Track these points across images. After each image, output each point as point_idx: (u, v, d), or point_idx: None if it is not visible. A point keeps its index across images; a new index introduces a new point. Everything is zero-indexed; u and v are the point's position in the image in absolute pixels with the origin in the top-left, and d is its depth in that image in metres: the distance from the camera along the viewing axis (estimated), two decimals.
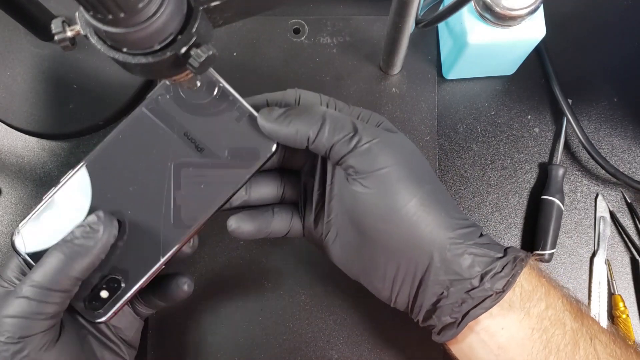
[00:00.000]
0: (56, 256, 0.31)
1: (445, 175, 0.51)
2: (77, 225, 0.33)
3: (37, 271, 0.31)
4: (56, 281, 0.30)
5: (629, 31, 0.54)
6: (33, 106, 0.50)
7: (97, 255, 0.32)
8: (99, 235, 0.32)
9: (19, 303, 0.30)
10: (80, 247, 0.31)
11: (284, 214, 0.38)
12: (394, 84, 0.52)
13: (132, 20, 0.22)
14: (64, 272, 0.31)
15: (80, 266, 0.31)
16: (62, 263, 0.31)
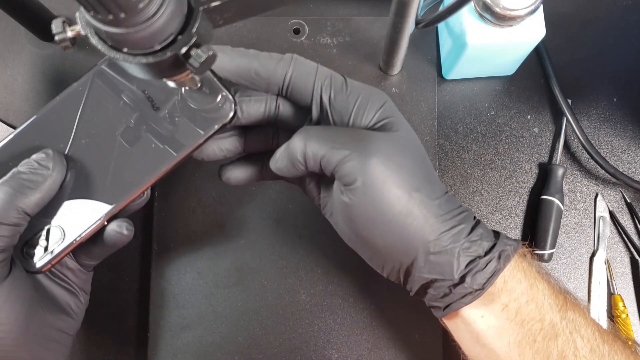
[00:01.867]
0: (3, 190, 0.31)
1: (445, 175, 0.51)
2: (23, 162, 0.33)
3: None
4: (5, 214, 0.31)
5: (628, 31, 0.54)
6: (33, 106, 0.50)
7: (46, 191, 0.32)
8: (47, 172, 0.32)
9: None
10: (29, 181, 0.32)
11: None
12: (394, 84, 0.52)
13: (132, 21, 0.22)
14: (12, 204, 0.31)
15: (29, 200, 0.31)
16: (10, 196, 0.31)
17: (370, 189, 0.32)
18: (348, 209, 0.33)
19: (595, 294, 0.49)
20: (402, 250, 0.33)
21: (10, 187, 0.31)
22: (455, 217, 0.33)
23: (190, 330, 0.47)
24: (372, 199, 0.32)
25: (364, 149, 0.32)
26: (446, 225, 0.33)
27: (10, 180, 0.32)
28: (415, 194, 0.32)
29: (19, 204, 0.31)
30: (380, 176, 0.32)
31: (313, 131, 0.34)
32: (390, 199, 0.32)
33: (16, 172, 0.32)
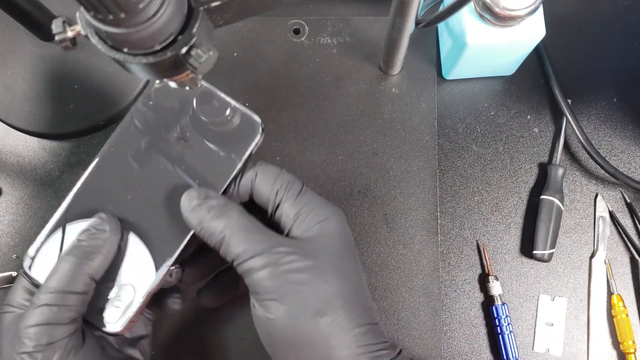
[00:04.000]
0: (68, 260, 0.31)
1: (445, 175, 0.51)
2: (81, 230, 0.33)
3: (51, 278, 0.31)
4: (72, 283, 0.31)
5: (629, 31, 0.54)
6: (34, 106, 0.50)
7: (106, 254, 0.32)
8: (105, 235, 0.32)
9: (40, 311, 0.30)
10: (90, 247, 0.32)
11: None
12: (394, 84, 0.52)
13: (132, 21, 0.22)
14: (78, 273, 0.31)
15: (94, 264, 0.32)
16: (75, 265, 0.31)
17: (276, 305, 0.31)
18: (255, 318, 0.32)
19: (595, 294, 0.49)
20: None
21: (74, 257, 0.32)
22: (369, 354, 0.31)
23: (191, 331, 0.47)
24: (276, 316, 0.31)
25: (276, 263, 0.31)
26: (354, 359, 0.30)
27: (73, 250, 0.32)
28: (319, 319, 0.30)
29: (85, 270, 0.31)
30: (286, 295, 0.30)
31: (240, 222, 0.32)
32: (292, 319, 0.30)
33: (76, 242, 0.32)
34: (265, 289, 0.31)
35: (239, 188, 0.35)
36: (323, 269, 0.32)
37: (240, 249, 0.31)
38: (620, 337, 0.48)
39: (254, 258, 0.31)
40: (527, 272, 0.50)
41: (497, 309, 0.48)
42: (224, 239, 0.31)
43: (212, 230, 0.32)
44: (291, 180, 0.34)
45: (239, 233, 0.31)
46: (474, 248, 0.50)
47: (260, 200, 0.34)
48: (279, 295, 0.31)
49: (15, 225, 0.50)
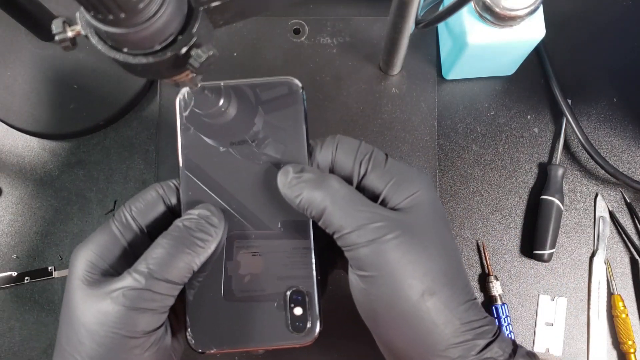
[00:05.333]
0: (174, 246, 0.30)
1: (445, 175, 0.51)
2: (186, 217, 0.31)
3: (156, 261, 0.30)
4: (178, 273, 0.30)
5: (628, 31, 0.54)
6: (34, 106, 0.50)
7: (213, 249, 0.31)
8: (215, 229, 0.31)
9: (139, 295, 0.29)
10: (199, 240, 0.31)
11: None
12: (394, 84, 0.52)
13: (132, 21, 0.22)
14: (185, 262, 0.30)
15: (199, 259, 0.31)
16: (182, 253, 0.30)
17: (381, 282, 0.30)
18: (356, 292, 0.32)
19: (595, 294, 0.49)
20: (405, 352, 0.31)
21: (181, 243, 0.30)
22: (472, 331, 0.30)
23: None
24: (381, 292, 0.30)
25: (381, 239, 0.30)
26: (458, 337, 0.30)
27: (180, 237, 0.30)
28: (427, 298, 0.30)
29: (190, 262, 0.30)
30: (393, 272, 0.30)
31: (341, 192, 0.31)
32: (400, 298, 0.30)
33: (183, 228, 0.31)
34: (370, 265, 0.30)
35: (320, 161, 0.33)
36: (427, 245, 0.31)
37: (343, 220, 0.30)
38: (620, 337, 0.48)
39: (356, 231, 0.30)
40: (527, 272, 0.50)
41: (497, 309, 0.48)
42: (325, 209, 0.30)
43: (311, 201, 0.30)
44: (374, 150, 0.33)
45: (340, 203, 0.30)
46: (474, 248, 0.50)
47: (343, 172, 0.33)
48: (386, 272, 0.30)
49: (15, 225, 0.50)
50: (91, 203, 0.50)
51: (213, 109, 0.34)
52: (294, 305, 0.32)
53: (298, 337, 0.32)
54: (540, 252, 0.48)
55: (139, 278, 0.29)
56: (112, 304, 0.29)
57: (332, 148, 0.33)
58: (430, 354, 0.30)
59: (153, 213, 0.33)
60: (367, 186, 0.32)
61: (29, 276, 0.49)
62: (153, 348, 0.30)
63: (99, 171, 0.51)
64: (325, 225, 0.31)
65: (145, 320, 0.29)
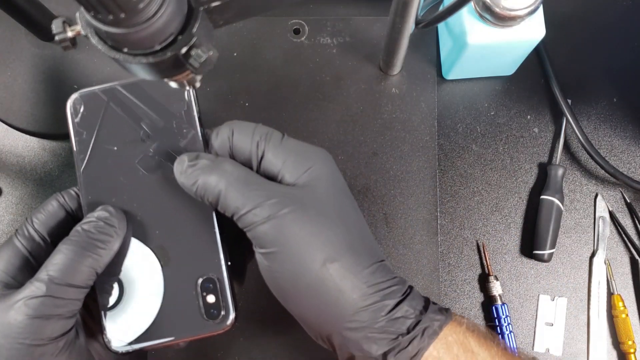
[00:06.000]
0: (72, 250, 0.30)
1: (445, 175, 0.51)
2: (85, 220, 0.32)
3: (55, 267, 0.30)
4: (79, 276, 0.30)
5: (628, 31, 0.54)
6: (34, 106, 0.50)
7: (115, 250, 0.32)
8: (114, 229, 0.32)
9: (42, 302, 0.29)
10: (99, 241, 0.31)
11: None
12: (394, 84, 0.52)
13: (132, 21, 0.22)
14: (86, 265, 0.30)
15: (102, 260, 0.31)
16: (82, 257, 0.30)
17: (283, 257, 0.30)
18: (262, 270, 0.32)
19: (595, 294, 0.49)
20: (317, 322, 0.32)
21: (80, 247, 0.30)
22: (379, 292, 0.31)
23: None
24: (284, 268, 0.30)
25: (277, 214, 0.30)
26: (366, 300, 0.30)
27: (80, 241, 0.31)
28: (329, 266, 0.30)
29: (93, 265, 0.30)
30: (293, 246, 0.30)
31: (234, 174, 0.31)
32: (302, 270, 0.30)
33: (82, 232, 0.31)
34: (270, 241, 0.30)
35: (218, 148, 0.33)
36: (325, 216, 0.31)
37: (239, 201, 0.30)
38: (620, 337, 0.48)
39: (254, 210, 0.30)
40: (527, 272, 0.50)
41: (497, 309, 0.48)
42: (220, 193, 0.30)
43: (207, 186, 0.31)
44: (270, 130, 0.33)
45: (235, 185, 0.31)
46: (474, 248, 0.50)
47: (242, 156, 0.33)
48: (287, 247, 0.30)
49: (15, 225, 0.50)
50: None
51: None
52: (206, 294, 0.32)
53: (214, 325, 0.32)
54: (540, 252, 0.48)
55: (39, 286, 0.29)
56: (16, 315, 0.29)
57: (228, 133, 0.33)
58: (340, 321, 0.30)
59: (54, 221, 0.33)
60: (266, 167, 0.33)
61: None
62: (64, 353, 0.30)
63: None
64: (223, 209, 0.31)
65: (50, 326, 0.29)
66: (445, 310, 0.32)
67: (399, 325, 0.30)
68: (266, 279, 0.32)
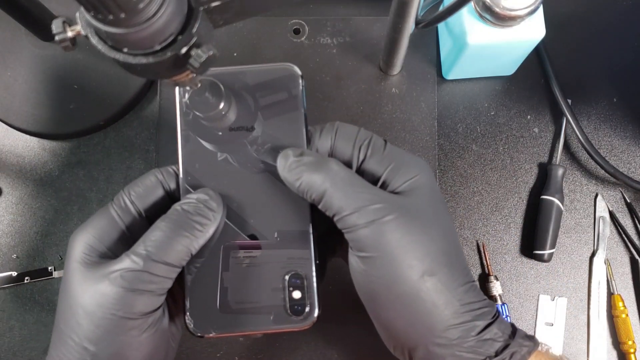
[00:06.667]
0: (172, 229, 0.30)
1: (445, 175, 0.51)
2: (185, 201, 0.31)
3: (155, 244, 0.30)
4: (176, 256, 0.30)
5: (628, 32, 0.54)
6: (34, 106, 0.50)
7: (212, 234, 0.31)
8: (213, 213, 0.31)
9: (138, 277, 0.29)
10: (198, 223, 0.31)
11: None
12: (394, 84, 0.52)
13: (132, 21, 0.22)
14: (183, 245, 0.30)
15: (198, 243, 0.31)
16: (181, 237, 0.30)
17: (381, 263, 0.30)
18: (355, 274, 0.32)
19: (595, 294, 0.49)
20: (405, 333, 0.31)
21: (179, 227, 0.30)
22: (471, 312, 0.31)
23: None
24: (381, 273, 0.30)
25: (381, 220, 0.30)
26: (458, 318, 0.30)
27: (178, 220, 0.30)
28: (427, 278, 0.30)
29: (188, 245, 0.30)
30: (393, 253, 0.30)
31: (340, 174, 0.31)
32: (400, 278, 0.30)
33: (181, 211, 0.31)
34: (370, 246, 0.30)
35: (319, 147, 0.33)
36: (426, 227, 0.31)
37: (343, 202, 0.30)
38: (620, 337, 0.48)
39: (356, 213, 0.30)
40: (527, 272, 0.50)
41: (497, 309, 0.48)
42: (325, 192, 0.30)
43: (311, 184, 0.30)
44: (373, 136, 0.33)
45: (340, 185, 0.30)
46: (474, 248, 0.50)
47: (342, 158, 0.33)
48: (386, 252, 0.30)
49: (15, 225, 0.50)
50: (91, 203, 0.50)
51: (213, 112, 0.34)
52: (293, 289, 0.32)
53: (297, 321, 0.32)
54: (540, 252, 0.48)
55: (137, 260, 0.29)
56: (110, 286, 0.29)
57: (331, 134, 0.33)
58: (429, 334, 0.30)
59: (152, 197, 0.33)
60: (367, 171, 0.33)
61: (29, 276, 0.49)
62: (150, 330, 0.30)
63: (99, 171, 0.51)
64: (325, 207, 0.31)
65: (142, 301, 0.29)
66: (531, 337, 0.32)
67: (487, 347, 0.30)
68: (359, 282, 0.32)
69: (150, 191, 0.33)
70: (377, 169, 0.32)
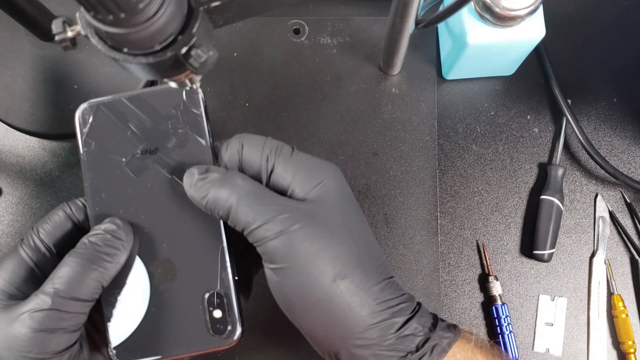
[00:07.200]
0: (78, 263, 0.30)
1: (445, 175, 0.51)
2: (92, 233, 0.31)
3: (61, 280, 0.29)
4: (85, 290, 0.30)
5: (628, 31, 0.54)
6: (34, 106, 0.50)
7: (122, 263, 0.31)
8: (121, 242, 0.31)
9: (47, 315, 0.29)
10: (105, 254, 0.30)
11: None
12: (394, 84, 0.52)
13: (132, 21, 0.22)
14: (92, 278, 0.30)
15: (108, 274, 0.30)
16: (88, 270, 0.30)
17: (293, 272, 0.30)
18: (272, 286, 0.32)
19: (595, 294, 0.49)
20: (326, 338, 0.31)
21: (87, 260, 0.30)
22: (388, 310, 0.31)
23: None
24: (293, 283, 0.30)
25: (289, 230, 0.30)
26: (375, 317, 0.30)
27: (86, 253, 0.30)
28: (340, 282, 0.30)
29: (99, 278, 0.30)
30: (303, 261, 0.30)
31: (245, 188, 0.31)
32: (313, 285, 0.30)
33: (89, 244, 0.31)
34: (281, 257, 0.30)
35: (227, 161, 0.33)
36: (334, 231, 0.31)
37: (250, 216, 0.30)
38: (620, 337, 0.48)
39: (264, 225, 0.30)
40: (527, 272, 0.50)
41: (497, 309, 0.48)
42: (230, 207, 0.30)
43: (217, 200, 0.30)
44: (280, 144, 0.33)
45: (246, 199, 0.30)
46: (474, 248, 0.50)
47: (252, 169, 0.33)
48: (297, 262, 0.30)
49: (15, 225, 0.50)
50: None
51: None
52: (213, 308, 0.32)
53: (220, 340, 0.32)
54: (540, 252, 0.48)
55: (45, 299, 0.29)
56: (20, 327, 0.29)
57: (237, 147, 0.33)
58: (349, 337, 0.30)
59: (61, 232, 0.33)
60: (276, 181, 0.32)
61: None
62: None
63: None
64: (234, 223, 0.31)
65: (55, 340, 0.29)
66: (453, 327, 0.32)
67: (408, 343, 0.30)
68: (275, 294, 0.32)
69: (59, 226, 0.33)
70: (285, 177, 0.32)
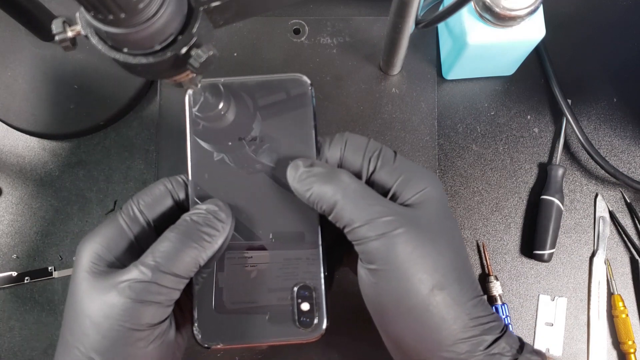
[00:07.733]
0: (181, 240, 0.30)
1: (445, 175, 0.51)
2: (194, 211, 0.31)
3: (163, 255, 0.30)
4: (185, 267, 0.30)
5: (628, 31, 0.54)
6: (34, 106, 0.50)
7: (221, 245, 0.31)
8: (222, 224, 0.31)
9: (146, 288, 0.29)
10: (206, 234, 0.31)
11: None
12: (394, 84, 0.52)
13: (132, 21, 0.22)
14: (191, 257, 0.30)
15: (206, 254, 0.31)
16: (189, 248, 0.30)
17: (391, 276, 0.30)
18: (365, 286, 0.31)
19: (595, 294, 0.49)
20: (413, 347, 0.31)
21: (188, 238, 0.30)
22: (480, 326, 0.30)
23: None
24: (390, 286, 0.30)
25: (392, 233, 0.30)
26: (466, 332, 0.30)
27: (187, 231, 0.30)
28: (437, 292, 0.30)
29: (197, 256, 0.30)
30: (403, 266, 0.30)
31: (352, 186, 0.31)
32: (410, 292, 0.30)
33: (190, 222, 0.31)
34: (381, 259, 0.30)
35: (329, 157, 0.33)
36: (436, 240, 0.31)
37: (354, 214, 0.30)
38: (620, 337, 0.48)
39: (367, 225, 0.30)
40: (527, 272, 0.50)
41: (497, 309, 0.48)
42: (335, 203, 0.30)
43: (322, 195, 0.30)
44: (383, 147, 0.33)
45: (351, 197, 0.30)
46: (474, 248, 0.50)
47: (351, 168, 0.33)
48: (396, 265, 0.30)
49: (15, 225, 0.50)
50: (91, 203, 0.50)
51: (212, 112, 0.34)
52: (301, 301, 0.32)
53: (305, 333, 0.32)
54: (540, 252, 0.48)
55: (145, 271, 0.29)
56: (118, 296, 0.29)
57: (340, 145, 0.33)
58: (438, 349, 0.30)
59: (160, 207, 0.33)
60: (377, 182, 0.33)
61: (29, 276, 0.49)
62: (157, 341, 0.30)
63: (99, 171, 0.51)
64: (336, 219, 0.31)
65: (150, 313, 0.29)
66: (539, 352, 0.32)
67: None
68: (367, 294, 0.32)
69: (159, 201, 0.33)
70: (387, 181, 0.32)
